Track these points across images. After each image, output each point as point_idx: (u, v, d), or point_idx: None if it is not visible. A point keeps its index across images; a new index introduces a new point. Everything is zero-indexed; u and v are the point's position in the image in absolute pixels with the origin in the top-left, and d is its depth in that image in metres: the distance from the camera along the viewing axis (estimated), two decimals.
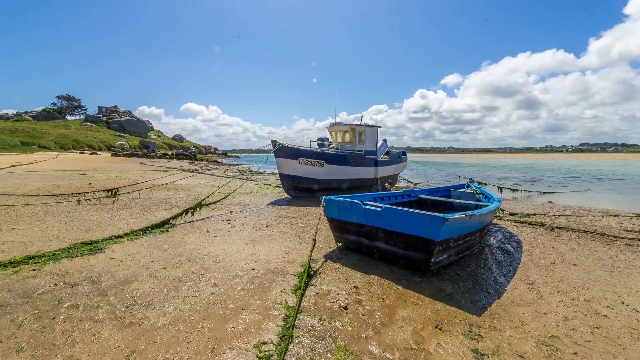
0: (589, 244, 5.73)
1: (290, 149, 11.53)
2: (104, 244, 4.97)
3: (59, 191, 10.47)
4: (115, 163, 30.24)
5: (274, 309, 3.10)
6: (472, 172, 29.63)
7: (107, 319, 2.85)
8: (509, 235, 6.31)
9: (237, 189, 12.26)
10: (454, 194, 8.07)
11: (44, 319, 2.82)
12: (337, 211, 4.93)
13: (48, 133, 56.63)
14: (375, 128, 14.46)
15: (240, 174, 22.16)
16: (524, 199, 12.68)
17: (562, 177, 25.08)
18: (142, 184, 12.75)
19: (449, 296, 3.51)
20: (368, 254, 4.77)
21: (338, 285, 3.71)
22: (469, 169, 37.74)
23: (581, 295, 3.60)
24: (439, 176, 24.62)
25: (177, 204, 9.02)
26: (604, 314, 3.17)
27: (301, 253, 4.88)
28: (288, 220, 7.40)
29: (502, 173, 31.23)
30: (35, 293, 3.30)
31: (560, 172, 31.46)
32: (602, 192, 15.40)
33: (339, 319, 2.96)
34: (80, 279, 3.67)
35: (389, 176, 15.53)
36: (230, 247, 5.11)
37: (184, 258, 4.50)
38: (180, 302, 3.18)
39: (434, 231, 3.77)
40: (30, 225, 6.05)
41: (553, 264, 4.65)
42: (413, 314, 3.09)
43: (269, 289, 3.55)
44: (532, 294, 3.61)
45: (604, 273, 4.29)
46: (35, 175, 15.77)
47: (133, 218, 6.98)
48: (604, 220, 7.86)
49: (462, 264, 4.53)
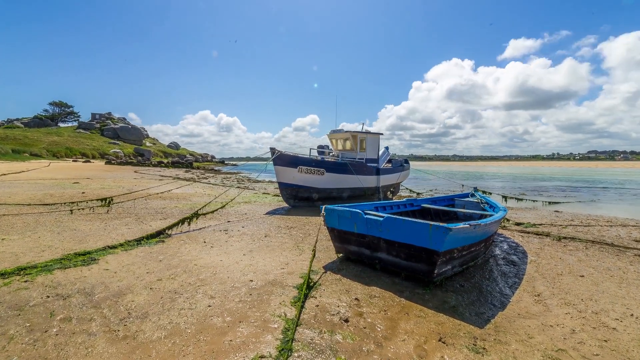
0: (597, 254, 5.74)
1: (289, 157, 11.59)
2: (98, 255, 4.99)
3: (51, 200, 10.50)
4: (109, 171, 30.30)
5: (272, 322, 3.10)
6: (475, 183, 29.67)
7: (101, 332, 2.86)
8: (515, 245, 6.32)
9: (234, 198, 12.29)
10: (458, 203, 8.10)
11: (35, 332, 2.83)
12: (337, 221, 4.96)
13: (40, 140, 56.81)
14: (377, 135, 14.55)
15: (238, 183, 22.21)
16: (530, 208, 12.70)
17: (569, 186, 25.12)
18: (137, 193, 12.79)
19: (453, 308, 3.52)
20: (369, 265, 4.78)
21: (338, 297, 3.72)
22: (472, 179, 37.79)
23: (589, 307, 3.61)
24: (443, 185, 24.66)
25: (173, 213, 9.04)
26: (613, 327, 3.17)
27: (300, 264, 4.89)
28: (287, 230, 7.42)
29: (503, 183, 31.27)
30: (27, 305, 3.31)
31: (568, 181, 31.50)
32: (610, 202, 15.42)
33: (340, 332, 2.96)
34: (73, 291, 3.68)
35: (391, 185, 15.57)
36: (228, 257, 5.12)
37: (180, 269, 4.51)
38: (176, 315, 3.19)
39: (438, 241, 3.80)
40: (21, 236, 6.07)
41: (560, 275, 4.66)
42: (416, 327, 3.10)
43: (268, 301, 3.56)
44: (538, 306, 3.62)
45: (613, 284, 4.30)
46: (26, 184, 15.81)
47: (127, 228, 7.00)
48: (613, 230, 7.88)
49: (467, 275, 4.54)
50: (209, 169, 47.22)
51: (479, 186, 14.41)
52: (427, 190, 19.64)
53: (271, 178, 25.54)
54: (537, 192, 19.90)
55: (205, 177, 28.36)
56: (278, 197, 13.74)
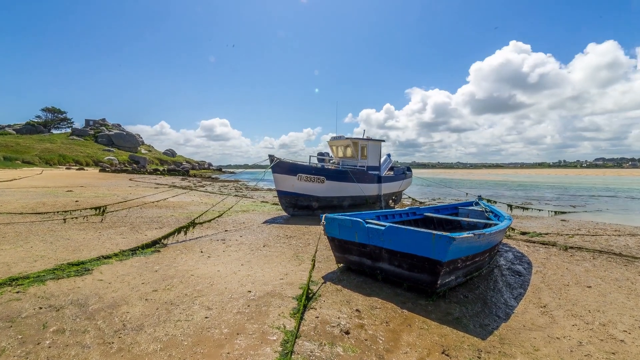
0: (604, 264, 5.75)
1: (288, 165, 11.64)
2: (92, 265, 5.00)
3: (43, 209, 10.52)
4: (103, 179, 30.36)
5: (271, 334, 3.11)
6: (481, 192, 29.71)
7: (95, 344, 2.87)
8: (520, 255, 6.33)
9: (232, 207, 12.31)
10: (461, 212, 8.13)
11: (28, 344, 2.83)
12: (338, 230, 4.98)
13: (32, 147, 57.02)
14: (379, 142, 14.61)
15: (236, 191, 22.24)
16: (535, 217, 12.71)
17: (578, 196, 25.14)
18: (132, 202, 12.81)
19: (457, 320, 3.53)
20: (371, 276, 4.79)
21: (339, 309, 3.73)
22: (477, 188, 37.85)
23: (596, 319, 3.62)
24: (446, 194, 24.69)
25: (169, 222, 9.06)
26: (621, 339, 3.18)
27: (300, 274, 4.90)
28: (286, 239, 7.43)
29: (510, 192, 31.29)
30: (19, 317, 3.32)
31: (576, 191, 31.54)
32: (617, 212, 15.43)
33: (341, 344, 2.97)
34: (66, 302, 3.69)
35: (393, 193, 15.60)
36: (225, 268, 5.13)
37: (177, 280, 4.52)
38: (173, 327, 3.20)
39: (441, 251, 3.81)
40: (13, 245, 6.08)
41: (567, 285, 4.67)
42: (418, 339, 3.11)
43: (266, 313, 3.56)
44: (544, 318, 3.62)
45: (621, 295, 4.31)
46: (18, 192, 15.84)
47: (122, 237, 7.02)
48: (621, 240, 7.89)
49: (471, 285, 4.55)
50: (206, 177, 47.28)
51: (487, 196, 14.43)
52: (431, 199, 19.67)
53: (270, 186, 25.60)
54: (545, 202, 19.92)
55: (202, 185, 28.39)
56: (277, 206, 13.76)
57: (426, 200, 18.45)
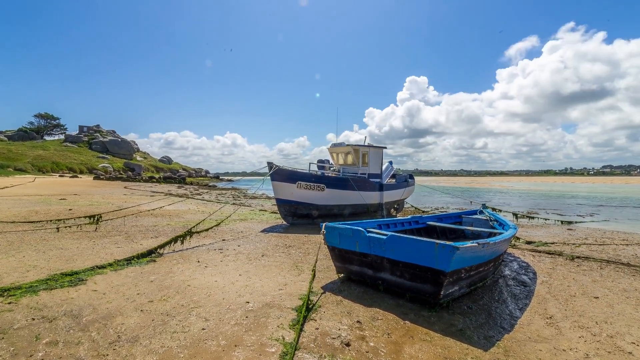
0: (612, 275, 5.76)
1: (287, 172, 11.68)
2: (86, 275, 5.01)
3: (36, 218, 10.54)
4: (97, 187, 30.40)
5: (270, 346, 3.12)
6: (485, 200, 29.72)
7: (89, 357, 2.87)
8: (526, 265, 6.34)
9: (230, 216, 12.33)
10: (465, 221, 8.15)
11: (20, 357, 2.84)
12: (338, 239, 5.00)
13: (25, 154, 57.16)
14: (380, 149, 14.67)
15: (234, 199, 22.27)
16: (541, 226, 12.72)
17: (584, 205, 25.15)
18: (127, 210, 12.82)
19: (460, 331, 3.53)
20: (372, 286, 4.80)
21: (340, 320, 3.74)
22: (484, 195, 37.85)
23: (604, 330, 3.63)
24: (450, 202, 24.70)
25: (165, 231, 9.07)
26: (629, 351, 3.19)
27: (300, 285, 4.91)
28: (285, 249, 7.44)
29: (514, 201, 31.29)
30: (11, 328, 3.33)
31: (584, 199, 31.55)
32: (624, 222, 15.42)
33: (341, 356, 2.98)
34: (59, 313, 3.70)
35: (395, 201, 15.61)
36: (223, 278, 5.14)
37: (173, 290, 4.53)
38: (169, 338, 3.21)
39: (444, 261, 3.83)
40: (5, 255, 6.10)
41: (573, 296, 4.68)
42: (421, 351, 3.11)
43: (265, 324, 3.57)
44: (550, 329, 3.63)
45: (629, 307, 4.31)
46: (10, 200, 15.87)
47: (117, 247, 7.03)
48: (629, 249, 7.90)
49: (475, 296, 4.56)
50: (203, 185, 47.33)
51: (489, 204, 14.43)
52: (434, 207, 19.68)
53: (268, 194, 25.61)
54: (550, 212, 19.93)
55: (199, 193, 28.44)
56: (276, 215, 13.78)
57: (429, 209, 18.46)
